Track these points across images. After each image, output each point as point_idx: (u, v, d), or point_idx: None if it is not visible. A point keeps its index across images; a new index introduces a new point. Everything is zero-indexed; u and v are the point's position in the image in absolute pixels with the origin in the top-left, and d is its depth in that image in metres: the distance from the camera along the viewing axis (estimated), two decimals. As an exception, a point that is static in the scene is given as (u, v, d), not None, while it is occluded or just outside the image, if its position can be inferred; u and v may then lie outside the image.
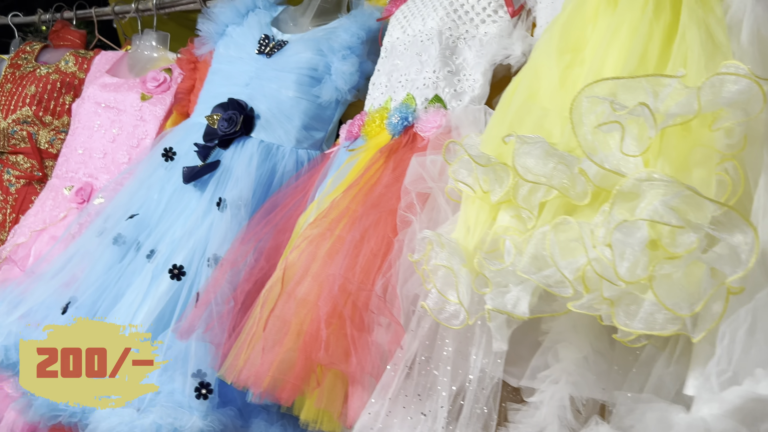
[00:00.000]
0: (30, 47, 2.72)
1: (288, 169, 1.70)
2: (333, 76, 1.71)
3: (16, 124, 2.50)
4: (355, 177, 1.35)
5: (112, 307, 1.62)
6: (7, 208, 2.50)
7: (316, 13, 1.86)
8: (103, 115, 2.26)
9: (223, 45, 1.91)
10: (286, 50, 1.77)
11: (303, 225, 1.34)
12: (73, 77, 2.53)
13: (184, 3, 2.34)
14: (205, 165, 1.67)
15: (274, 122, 1.73)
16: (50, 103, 2.51)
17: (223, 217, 1.59)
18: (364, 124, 1.49)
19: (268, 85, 1.75)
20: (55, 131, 2.51)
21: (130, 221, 1.71)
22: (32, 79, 2.53)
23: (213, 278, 1.48)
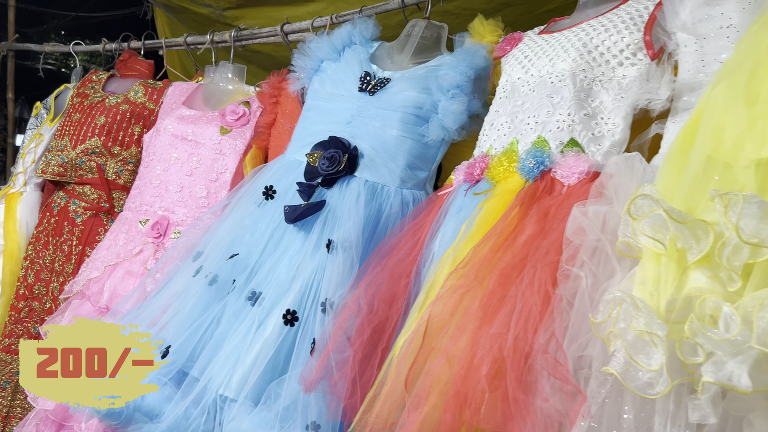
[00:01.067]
0: (96, 76, 2.69)
1: (394, 210, 1.64)
2: (440, 115, 1.66)
3: (85, 155, 2.46)
4: (490, 223, 1.29)
5: (213, 351, 1.55)
6: (73, 240, 2.45)
7: (416, 50, 1.82)
8: (180, 148, 2.22)
9: (319, 81, 1.87)
10: (390, 88, 1.73)
11: (439, 274, 1.28)
12: (142, 108, 2.50)
13: (263, 36, 2.31)
14: (312, 205, 1.61)
15: (378, 161, 1.68)
16: (119, 134, 2.47)
17: (333, 259, 1.53)
18: (489, 167, 1.43)
19: (371, 123, 1.71)
20: (122, 162, 2.48)
21: (229, 262, 1.65)
22: (101, 109, 2.50)
23: (331, 325, 1.41)
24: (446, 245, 1.39)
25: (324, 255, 1.54)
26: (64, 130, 2.55)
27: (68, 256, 2.45)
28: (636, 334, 0.94)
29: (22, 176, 2.75)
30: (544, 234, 1.19)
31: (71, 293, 2.20)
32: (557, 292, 1.07)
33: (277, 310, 1.52)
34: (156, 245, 2.15)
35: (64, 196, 2.50)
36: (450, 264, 1.27)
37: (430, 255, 1.44)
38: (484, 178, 1.44)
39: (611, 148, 1.31)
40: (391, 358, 1.27)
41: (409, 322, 1.28)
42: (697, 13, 1.28)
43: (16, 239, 2.64)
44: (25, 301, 2.51)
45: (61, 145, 2.50)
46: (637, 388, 0.93)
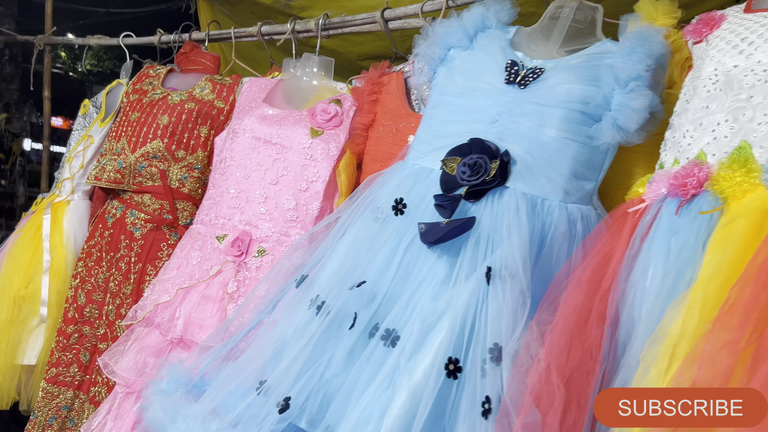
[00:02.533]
0: (154, 71, 2.40)
1: (560, 231, 1.33)
2: (615, 112, 1.35)
3: (145, 159, 2.16)
4: (744, 253, 0.98)
5: (342, 404, 1.25)
6: (131, 256, 2.15)
7: (567, 36, 1.51)
8: (263, 152, 1.91)
9: (446, 73, 1.56)
10: (546, 79, 1.41)
11: (686, 321, 0.96)
12: (210, 107, 2.20)
13: (358, 23, 2.01)
14: (459, 223, 1.30)
15: (535, 169, 1.36)
16: (183, 136, 2.18)
17: (496, 292, 1.22)
18: (713, 178, 1.12)
19: (524, 122, 1.39)
20: (187, 168, 2.18)
21: (352, 292, 1.34)
22: (164, 107, 2.20)
23: (510, 380, 1.10)
24: (663, 279, 1.08)
25: (482, 286, 1.23)
26: (120, 130, 2.25)
27: (126, 274, 2.15)
28: None
29: (69, 183, 2.45)
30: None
31: (135, 319, 1.89)
32: None
33: (424, 356, 1.21)
34: (237, 265, 1.84)
35: (120, 206, 2.20)
36: (700, 309, 0.95)
37: (632, 291, 1.13)
38: (706, 191, 1.12)
39: None
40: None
41: (642, 384, 0.96)
42: None
43: (63, 254, 2.34)
44: (75, 324, 2.21)
45: (118, 148, 2.20)
46: None
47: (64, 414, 2.22)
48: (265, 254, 1.85)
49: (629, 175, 1.49)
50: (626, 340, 1.11)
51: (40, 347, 2.27)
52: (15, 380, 2.23)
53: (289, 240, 1.85)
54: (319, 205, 1.86)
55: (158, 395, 1.36)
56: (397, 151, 1.80)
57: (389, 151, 1.82)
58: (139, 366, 1.82)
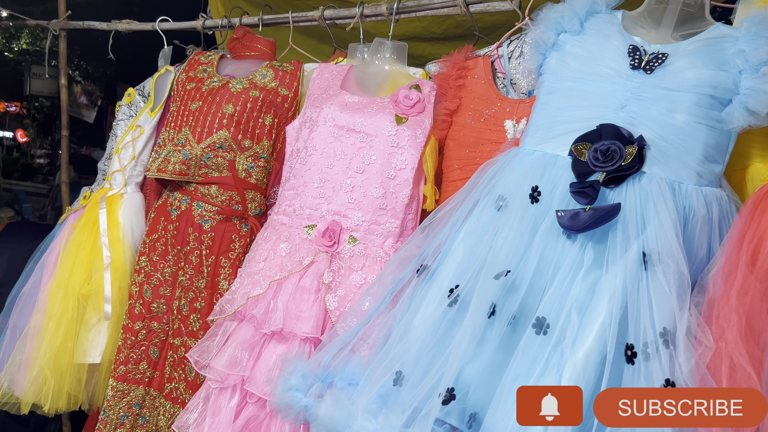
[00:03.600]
0: (205, 57, 2.33)
1: (700, 214, 1.36)
2: (745, 96, 1.38)
3: (211, 150, 2.11)
4: None
5: (497, 396, 1.26)
6: (202, 249, 2.11)
7: (679, 20, 1.53)
8: (346, 141, 1.89)
9: (558, 58, 1.56)
10: (671, 65, 1.43)
11: None
12: (275, 94, 2.15)
13: (436, 6, 1.98)
14: (606, 210, 1.31)
15: (669, 154, 1.39)
16: (249, 125, 2.13)
17: (655, 278, 1.24)
18: None
19: (654, 107, 1.41)
20: (253, 157, 2.14)
21: (497, 282, 1.35)
22: (227, 96, 2.14)
23: (689, 363, 1.13)
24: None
25: (639, 271, 1.26)
26: (180, 120, 2.18)
27: (197, 268, 2.10)
28: None
29: (120, 175, 2.37)
30: None
31: (223, 313, 1.86)
32: None
33: (585, 341, 1.23)
34: (330, 255, 1.83)
35: (185, 198, 2.15)
36: None
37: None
38: None
39: None
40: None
41: None
42: None
43: (122, 249, 2.27)
44: (143, 321, 2.16)
45: (181, 139, 2.14)
46: None
47: (136, 411, 2.18)
48: (356, 243, 1.84)
49: (746, 156, 1.53)
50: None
51: (104, 345, 2.21)
52: (82, 381, 2.17)
53: (379, 228, 1.84)
54: (409, 193, 1.85)
55: (325, 393, 1.35)
56: (491, 136, 1.80)
57: (482, 136, 1.81)
58: (236, 361, 1.79)
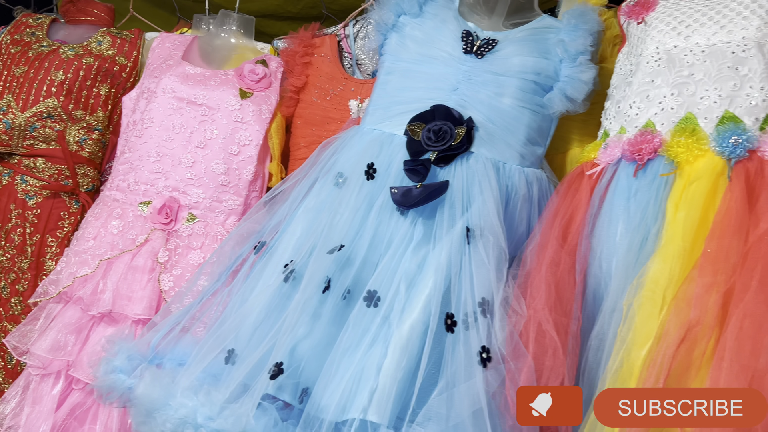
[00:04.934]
0: (34, 20, 2.15)
1: (521, 192, 1.44)
2: (563, 83, 1.48)
3: (38, 120, 1.95)
4: (706, 210, 1.15)
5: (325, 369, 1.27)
6: (26, 227, 1.95)
7: (510, 10, 1.61)
8: (186, 114, 1.82)
9: (398, 39, 1.58)
10: (500, 51, 1.50)
11: (670, 270, 1.11)
12: (111, 63, 2.03)
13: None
14: (435, 186, 1.35)
15: (496, 135, 1.46)
16: (82, 94, 1.99)
17: (477, 251, 1.30)
18: (667, 145, 1.28)
19: (483, 90, 1.47)
20: (86, 129, 2.00)
21: (331, 256, 1.35)
22: (57, 62, 1.99)
23: (503, 331, 1.20)
24: (633, 234, 1.23)
25: (463, 245, 1.31)
26: (1, 86, 1.99)
27: (20, 247, 1.94)
28: None
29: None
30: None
31: (46, 295, 1.73)
32: None
33: (412, 312, 1.26)
34: (167, 233, 1.75)
35: (6, 172, 1.97)
36: (681, 258, 1.11)
37: (600, 245, 1.27)
38: (661, 156, 1.28)
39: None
40: (615, 369, 1.09)
41: (632, 326, 1.10)
42: None
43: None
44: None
45: (2, 106, 1.96)
46: None
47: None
48: (196, 221, 1.78)
49: (566, 141, 1.64)
50: (597, 289, 1.25)
51: None
52: None
53: (221, 206, 1.79)
54: (253, 170, 1.81)
55: (133, 372, 1.28)
56: (336, 115, 1.81)
57: (327, 114, 1.81)
58: (59, 345, 1.67)
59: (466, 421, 1.13)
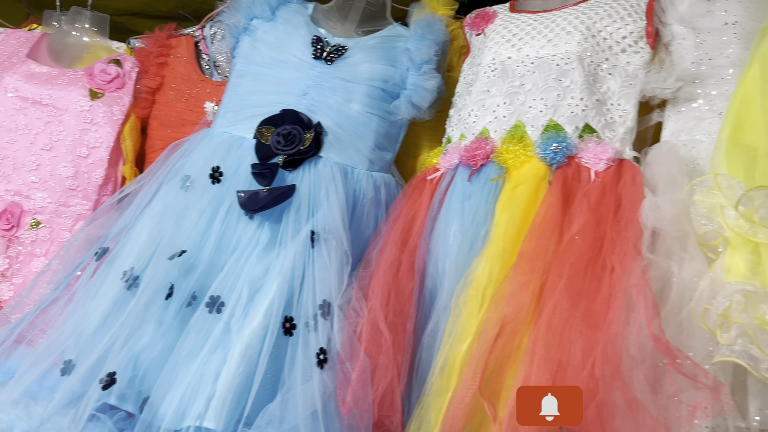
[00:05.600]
0: None
1: (369, 196, 1.47)
2: (410, 91, 1.52)
3: None
4: (528, 211, 1.22)
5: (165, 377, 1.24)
6: None
7: (362, 18, 1.65)
8: (31, 114, 1.73)
9: (250, 42, 1.58)
10: (349, 57, 1.53)
11: (490, 269, 1.16)
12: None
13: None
14: (281, 190, 1.36)
15: (345, 140, 1.48)
16: None
17: (321, 254, 1.32)
18: (497, 151, 1.35)
19: (332, 96, 1.50)
20: None
21: (172, 262, 1.33)
22: None
23: (342, 332, 1.22)
24: (464, 236, 1.28)
25: (307, 249, 1.32)
26: None
27: None
28: (758, 324, 0.96)
29: None
30: (602, 223, 1.16)
31: None
32: (647, 283, 1.05)
33: (255, 317, 1.26)
34: (7, 240, 1.66)
35: None
36: (501, 257, 1.17)
37: (437, 247, 1.32)
38: (492, 162, 1.35)
39: (625, 135, 1.32)
40: (440, 365, 1.14)
41: (457, 323, 1.15)
42: (696, 8, 1.35)
43: None
44: None
45: None
46: (762, 376, 0.95)
47: None
48: (40, 227, 1.69)
49: (417, 146, 1.69)
50: (433, 289, 1.29)
51: None
52: None
53: (68, 210, 1.72)
54: (103, 173, 1.75)
55: None
56: (192, 117, 1.78)
57: (182, 116, 1.78)
58: None
59: (300, 424, 1.14)
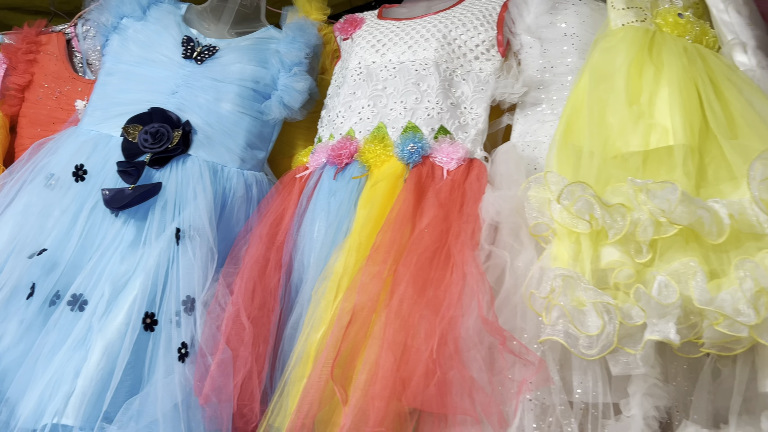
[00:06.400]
0: None
1: (239, 194, 1.50)
2: (281, 92, 1.57)
3: None
4: (385, 207, 1.30)
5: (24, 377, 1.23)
6: None
7: (236, 19, 1.68)
8: None
9: (120, 41, 1.58)
10: (220, 58, 1.56)
11: (346, 261, 1.23)
12: None
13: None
14: (146, 188, 1.37)
15: (215, 139, 1.51)
16: None
17: (186, 251, 1.34)
18: (361, 151, 1.42)
19: (202, 95, 1.52)
20: None
21: (32, 261, 1.31)
22: None
23: (204, 326, 1.25)
24: (326, 231, 1.34)
25: (172, 246, 1.34)
26: None
27: None
28: (575, 305, 1.06)
29: None
30: (449, 217, 1.25)
31: None
32: (483, 271, 1.14)
33: (117, 314, 1.27)
34: None
35: None
36: (357, 250, 1.23)
37: (303, 242, 1.37)
38: (356, 161, 1.42)
39: (477, 137, 1.42)
40: (297, 354, 1.19)
41: (315, 313, 1.21)
42: (540, 20, 1.47)
43: None
44: None
45: None
46: (578, 352, 1.06)
47: None
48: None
49: (292, 146, 1.74)
50: (299, 283, 1.35)
51: None
52: None
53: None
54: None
55: None
56: (63, 115, 1.75)
57: (52, 114, 1.75)
58: None
59: (160, 418, 1.17)
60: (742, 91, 1.19)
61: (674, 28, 1.31)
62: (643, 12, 1.34)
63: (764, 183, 1.01)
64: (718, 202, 1.06)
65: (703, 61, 1.26)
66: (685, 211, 1.03)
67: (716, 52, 1.32)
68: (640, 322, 1.03)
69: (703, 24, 1.36)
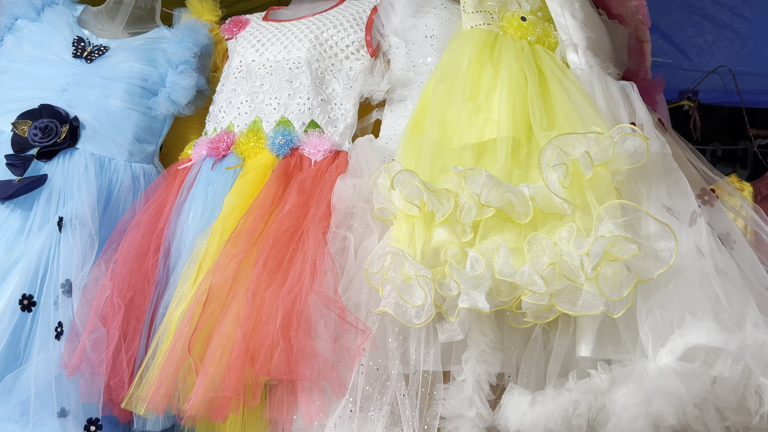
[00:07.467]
0: None
1: (125, 185, 1.60)
2: (168, 89, 1.67)
3: None
4: (251, 196, 1.41)
5: None
6: None
7: (130, 20, 1.77)
8: None
9: (14, 41, 1.67)
10: (110, 57, 1.65)
11: (210, 245, 1.33)
12: None
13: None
14: (31, 180, 1.47)
15: (103, 133, 1.60)
16: None
17: (68, 238, 1.44)
18: (236, 143, 1.53)
19: (92, 92, 1.61)
20: None
21: None
22: None
23: (80, 306, 1.35)
24: (201, 218, 1.45)
25: (54, 234, 1.44)
26: None
27: None
28: (403, 279, 1.19)
29: None
30: (309, 203, 1.36)
31: None
32: (329, 252, 1.26)
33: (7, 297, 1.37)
34: None
35: None
36: (220, 235, 1.34)
37: (180, 228, 1.47)
38: (232, 153, 1.53)
39: (345, 130, 1.54)
40: (162, 330, 1.30)
41: (180, 293, 1.32)
42: (406, 22, 1.59)
43: None
44: None
45: None
46: (407, 321, 1.18)
47: None
48: None
49: (185, 140, 1.83)
50: (174, 266, 1.45)
51: None
52: None
53: None
54: None
55: None
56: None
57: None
58: None
59: (33, 394, 1.27)
60: (566, 88, 1.32)
61: (517, 30, 1.44)
62: (490, 15, 1.47)
63: (558, 168, 1.14)
64: (526, 187, 1.19)
65: (537, 60, 1.39)
66: (495, 194, 1.16)
67: (553, 52, 1.45)
68: (455, 292, 1.15)
69: (547, 26, 1.49)
